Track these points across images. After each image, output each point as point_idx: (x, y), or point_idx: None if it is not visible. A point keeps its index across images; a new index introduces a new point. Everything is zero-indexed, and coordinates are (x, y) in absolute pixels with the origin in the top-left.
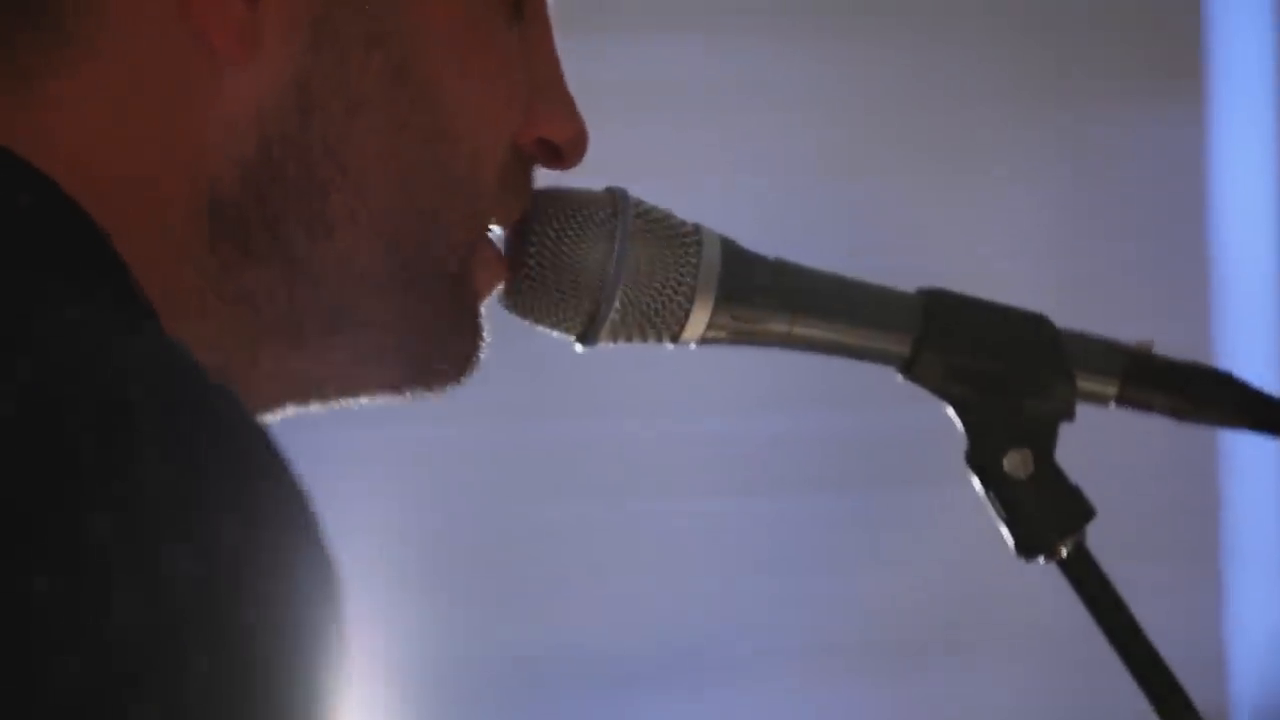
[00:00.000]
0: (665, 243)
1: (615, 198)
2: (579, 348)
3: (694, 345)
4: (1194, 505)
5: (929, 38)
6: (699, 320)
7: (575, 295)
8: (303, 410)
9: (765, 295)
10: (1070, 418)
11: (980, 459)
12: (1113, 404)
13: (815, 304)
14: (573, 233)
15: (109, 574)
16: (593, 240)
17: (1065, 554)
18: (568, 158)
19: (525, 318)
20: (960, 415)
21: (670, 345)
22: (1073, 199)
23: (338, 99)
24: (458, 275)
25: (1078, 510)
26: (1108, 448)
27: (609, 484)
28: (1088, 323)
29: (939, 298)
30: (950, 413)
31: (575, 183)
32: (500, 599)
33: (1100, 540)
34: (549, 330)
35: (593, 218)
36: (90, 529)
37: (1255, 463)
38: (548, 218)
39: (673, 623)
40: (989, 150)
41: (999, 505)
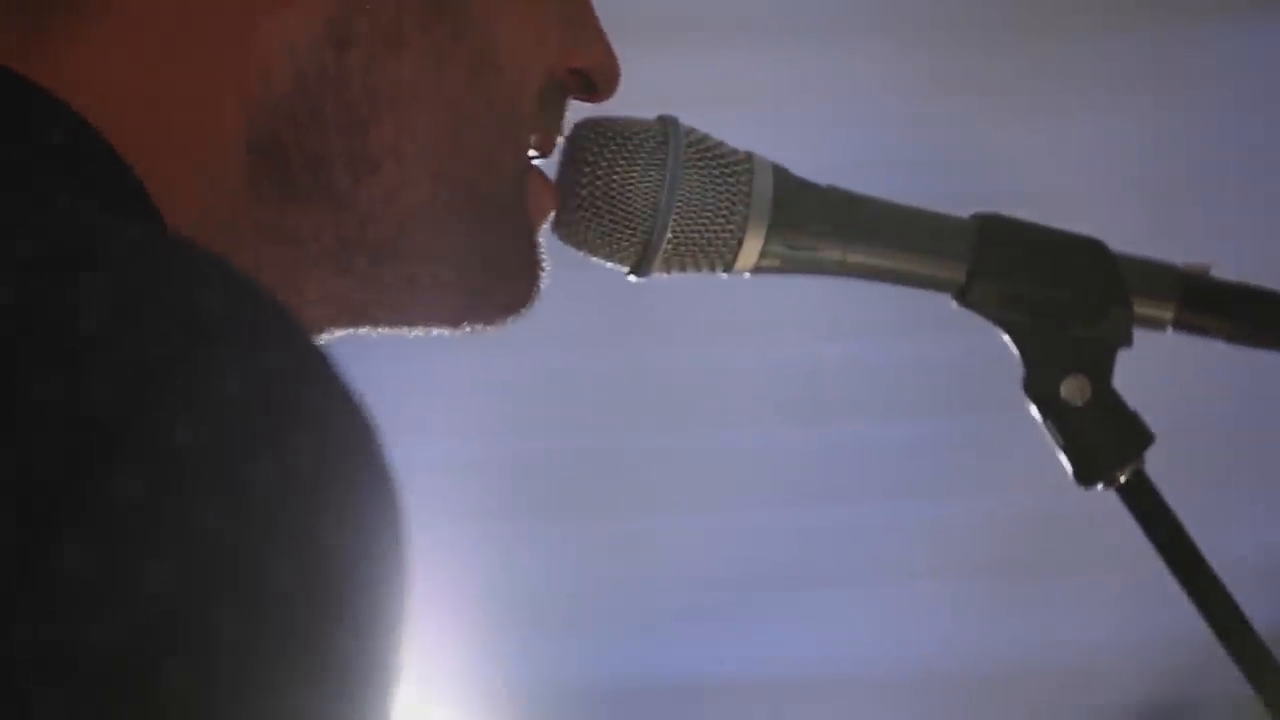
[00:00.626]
0: (717, 171)
1: (666, 126)
2: (633, 278)
3: (748, 275)
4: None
5: None
6: (752, 249)
7: (627, 225)
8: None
9: (818, 223)
10: (1128, 343)
11: (1037, 386)
12: (1170, 328)
13: (869, 231)
14: (624, 162)
15: (194, 482)
16: (644, 169)
17: (1124, 480)
18: (601, 88)
19: (578, 248)
20: (1016, 342)
21: (724, 275)
22: (1160, 120)
23: (376, 35)
24: (512, 205)
25: (1136, 436)
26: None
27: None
28: (1176, 250)
29: (994, 223)
30: (1006, 339)
31: (649, 108)
32: (568, 528)
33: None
34: (602, 261)
35: (644, 146)
36: (174, 438)
37: None
38: (599, 146)
39: (741, 551)
40: (1073, 71)
41: (1056, 433)
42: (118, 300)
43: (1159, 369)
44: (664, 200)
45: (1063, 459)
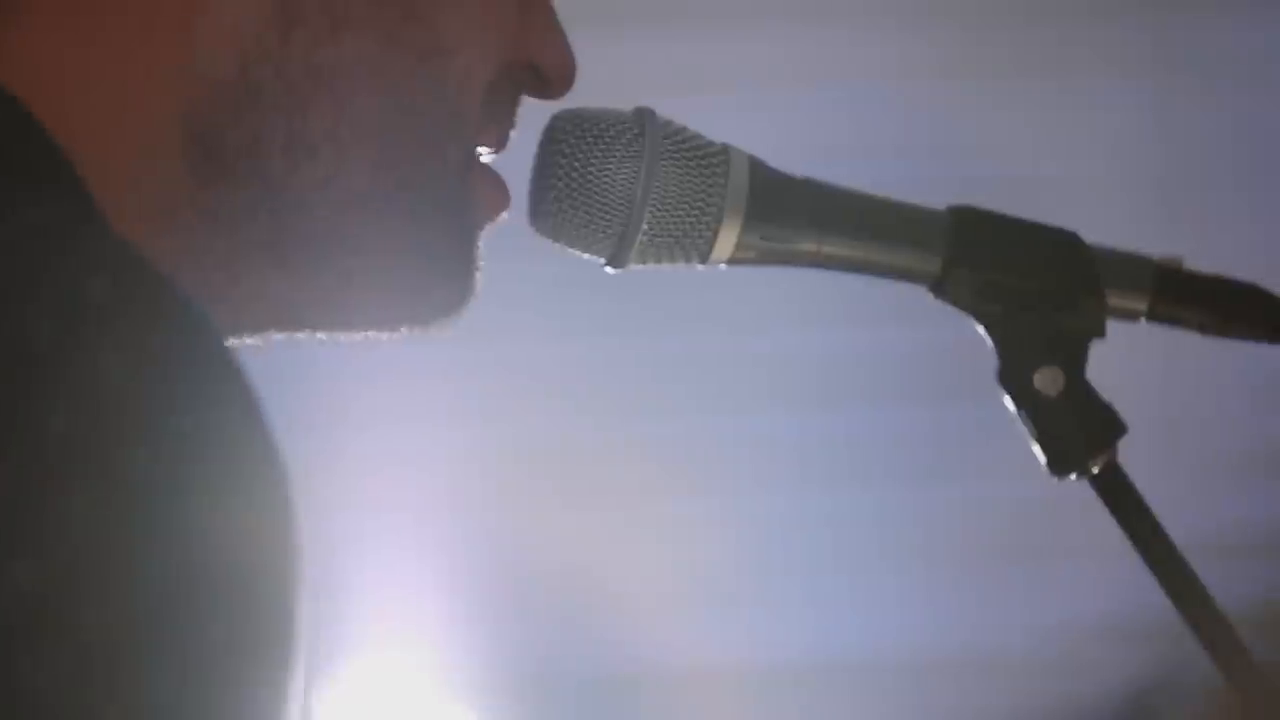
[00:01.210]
0: (693, 163)
1: (643, 118)
2: (610, 270)
3: (724, 266)
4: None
5: None
6: (727, 241)
7: (603, 218)
8: (289, 338)
9: (793, 215)
10: (1101, 334)
11: (1011, 377)
12: (1143, 319)
13: (844, 222)
14: (600, 154)
15: (67, 472)
16: (619, 161)
17: (1097, 471)
18: (554, 86)
19: (553, 240)
20: (990, 333)
21: (700, 266)
22: (1162, 109)
23: (322, 15)
24: (454, 200)
25: (1109, 427)
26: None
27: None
28: (1178, 237)
29: (968, 215)
30: (980, 330)
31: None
32: (550, 517)
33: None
34: (579, 253)
35: (620, 138)
36: (50, 426)
37: None
38: (575, 138)
39: (727, 538)
40: (1077, 58)
41: (1030, 423)
42: (1, 285)
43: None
44: (640, 193)
45: (1036, 449)
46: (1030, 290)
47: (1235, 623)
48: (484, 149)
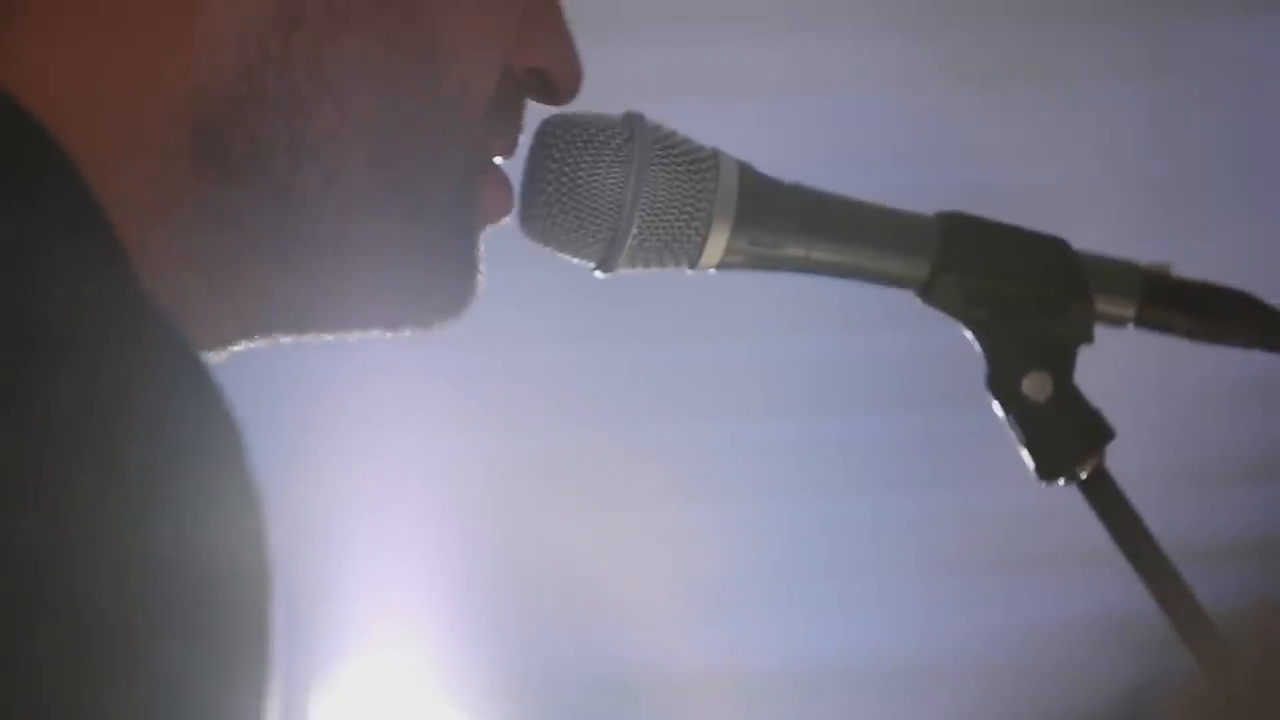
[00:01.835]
0: (682, 168)
1: (632, 122)
2: (599, 275)
3: (713, 271)
4: None
5: None
6: (716, 246)
7: (593, 223)
8: (296, 340)
9: (782, 220)
10: (1089, 340)
11: (999, 382)
12: (1131, 325)
13: (832, 228)
14: (589, 159)
15: (14, 497)
16: (609, 166)
17: (1085, 476)
18: (560, 91)
19: (543, 244)
20: (978, 338)
21: (689, 271)
22: (1158, 114)
23: (324, 16)
24: (456, 202)
25: (1097, 432)
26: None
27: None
28: (1173, 243)
29: (956, 220)
30: (969, 336)
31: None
32: (547, 523)
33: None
34: (568, 258)
35: (609, 143)
36: None
37: None
38: (565, 143)
39: (729, 544)
40: (1072, 64)
41: (1018, 429)
42: None
43: (1120, 365)
44: (629, 198)
45: (1024, 455)
46: (1018, 296)
47: (1221, 625)
48: (495, 155)
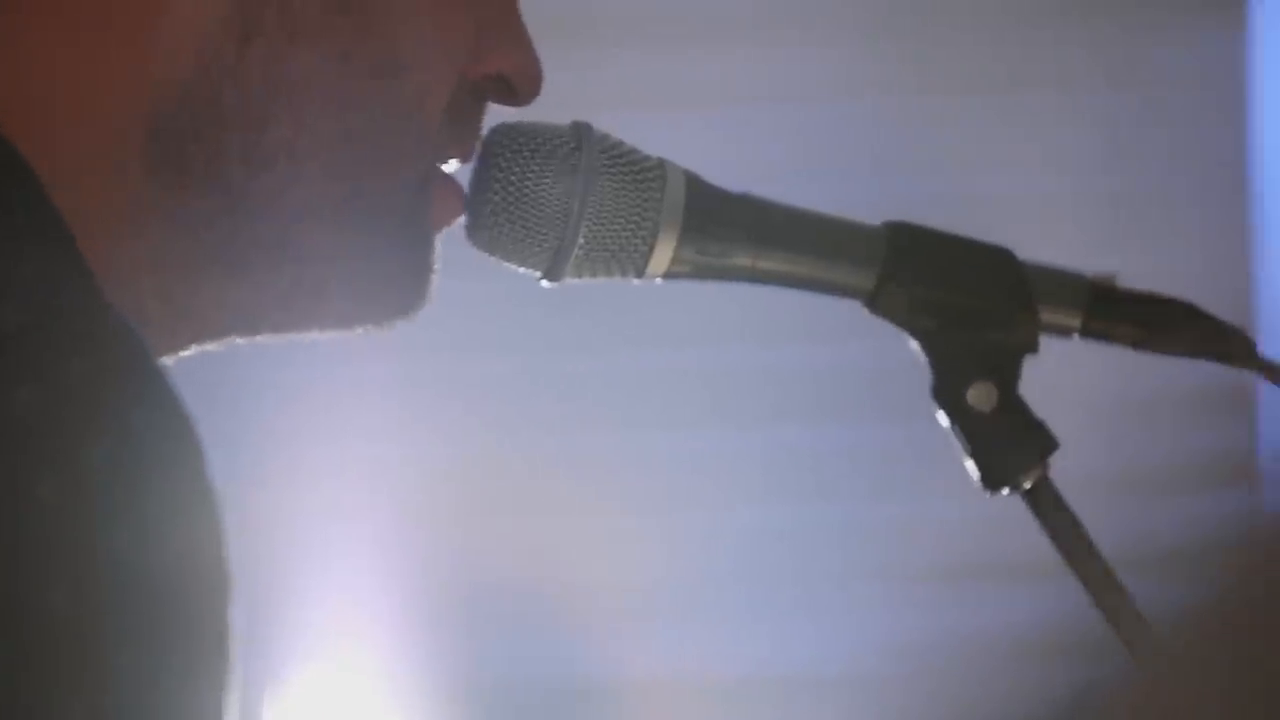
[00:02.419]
0: (629, 178)
1: (580, 131)
2: (545, 284)
3: (660, 280)
4: None
5: None
6: (663, 256)
7: (539, 232)
8: (253, 341)
9: (729, 230)
10: (1034, 350)
11: (944, 392)
12: (1076, 335)
13: (778, 238)
14: (535, 168)
15: None
16: (555, 176)
17: (1029, 486)
18: (521, 94)
19: (490, 254)
20: (924, 348)
21: (636, 281)
22: (1109, 121)
23: (279, 27)
24: (410, 210)
25: (1041, 443)
26: None
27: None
28: (1124, 248)
29: (903, 230)
30: (914, 346)
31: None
32: (504, 531)
33: None
34: (515, 267)
35: (556, 153)
36: None
37: None
38: (511, 153)
39: (673, 554)
40: (1023, 75)
41: (963, 438)
42: None
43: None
44: (576, 207)
45: (969, 465)
46: (963, 306)
47: (1162, 632)
48: (451, 161)
